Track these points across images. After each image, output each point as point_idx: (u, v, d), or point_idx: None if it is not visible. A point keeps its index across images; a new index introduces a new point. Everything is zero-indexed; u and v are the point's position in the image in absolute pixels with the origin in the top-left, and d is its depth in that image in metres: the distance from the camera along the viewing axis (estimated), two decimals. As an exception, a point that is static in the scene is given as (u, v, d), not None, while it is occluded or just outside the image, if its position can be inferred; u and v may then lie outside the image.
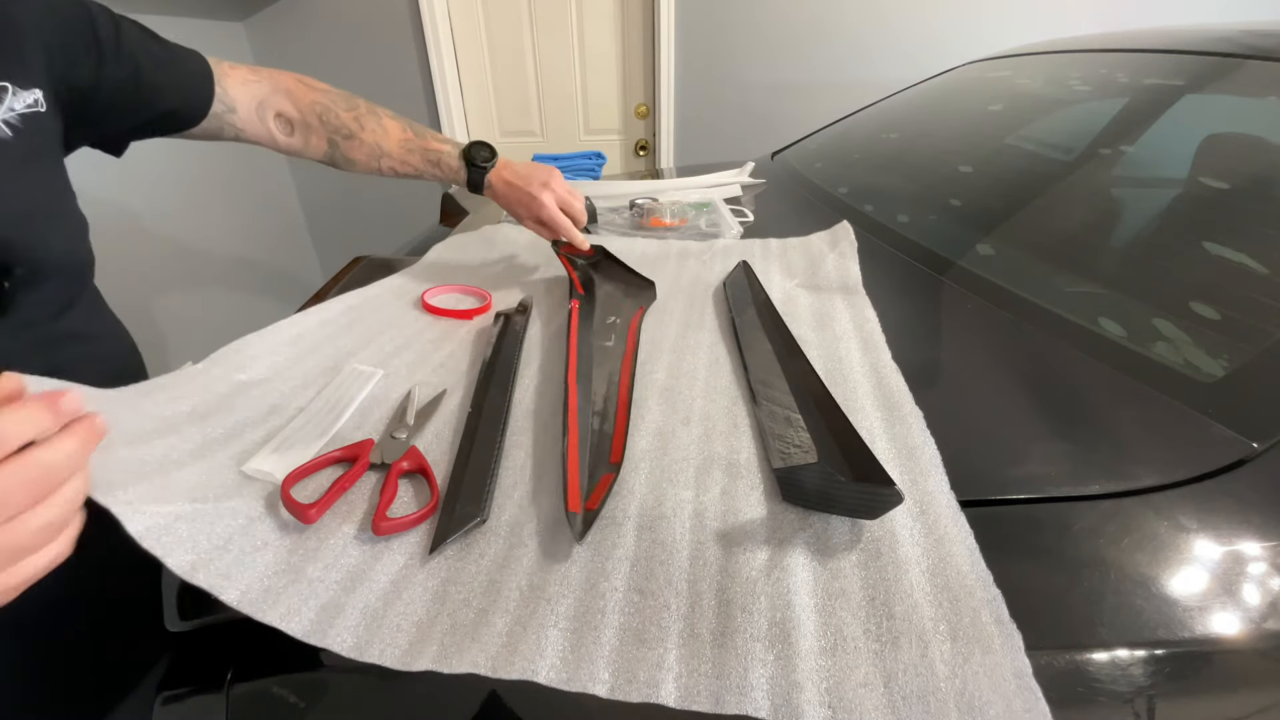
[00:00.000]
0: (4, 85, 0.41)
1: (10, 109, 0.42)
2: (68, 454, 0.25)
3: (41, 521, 0.24)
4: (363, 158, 0.66)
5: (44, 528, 0.24)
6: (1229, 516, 0.35)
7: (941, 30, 1.76)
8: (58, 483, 0.25)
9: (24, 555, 0.24)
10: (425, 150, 0.67)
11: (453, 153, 0.67)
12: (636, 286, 0.67)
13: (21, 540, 0.24)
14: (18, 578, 0.24)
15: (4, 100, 0.41)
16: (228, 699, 0.32)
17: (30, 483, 0.23)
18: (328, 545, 0.35)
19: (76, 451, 0.25)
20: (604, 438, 0.43)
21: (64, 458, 0.24)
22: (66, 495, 0.25)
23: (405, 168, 0.67)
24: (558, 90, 2.09)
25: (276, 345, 0.55)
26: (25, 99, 0.43)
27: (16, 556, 0.24)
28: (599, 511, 0.36)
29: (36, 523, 0.24)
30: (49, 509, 0.24)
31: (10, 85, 0.42)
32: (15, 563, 0.24)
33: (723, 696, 0.27)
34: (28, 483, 0.23)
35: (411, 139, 0.67)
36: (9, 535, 0.23)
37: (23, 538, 0.24)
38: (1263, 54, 0.71)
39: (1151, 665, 0.29)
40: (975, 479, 0.38)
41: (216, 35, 1.94)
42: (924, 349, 0.55)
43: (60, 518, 0.25)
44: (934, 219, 0.78)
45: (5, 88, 0.42)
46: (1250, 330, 0.46)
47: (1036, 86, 0.97)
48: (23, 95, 0.43)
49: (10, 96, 0.42)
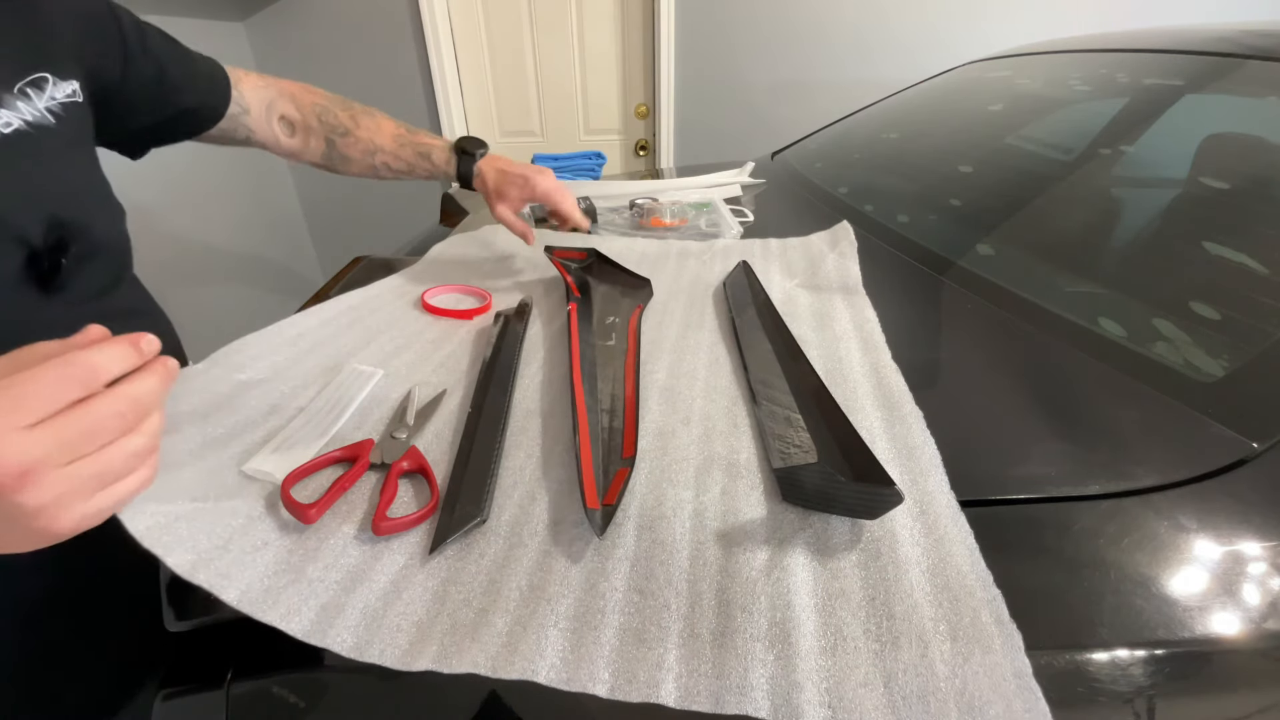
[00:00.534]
0: (44, 75, 0.44)
1: (52, 97, 0.44)
2: (150, 388, 0.27)
3: (133, 448, 0.27)
4: (358, 154, 0.68)
5: (135, 454, 0.27)
6: (1229, 516, 0.35)
7: (942, 30, 1.76)
8: (145, 413, 0.27)
9: (119, 478, 0.27)
10: (417, 144, 0.69)
11: (444, 146, 0.69)
12: (632, 286, 0.67)
13: (117, 464, 0.26)
14: (113, 498, 0.27)
15: (45, 89, 0.44)
16: (228, 698, 0.32)
17: (123, 413, 0.26)
18: (328, 545, 0.35)
19: (158, 386, 0.28)
20: (614, 433, 0.43)
21: (148, 391, 0.27)
22: (152, 425, 0.28)
23: (398, 162, 0.69)
24: (558, 90, 2.09)
25: (276, 345, 0.55)
26: (64, 89, 0.45)
27: (113, 479, 0.26)
28: (617, 506, 0.36)
29: (130, 448, 0.26)
30: (139, 437, 0.27)
31: (50, 75, 0.44)
32: (110, 486, 0.26)
33: (723, 696, 0.27)
34: (121, 413, 0.26)
35: (404, 134, 0.69)
36: (106, 460, 0.26)
37: (119, 462, 0.26)
38: (1263, 54, 0.71)
39: (1151, 665, 0.29)
40: (975, 479, 0.38)
41: (216, 35, 1.94)
42: (924, 349, 0.55)
43: (147, 446, 0.27)
44: (934, 219, 0.78)
45: (46, 77, 0.44)
46: (1250, 330, 0.46)
47: (1036, 86, 0.97)
48: (62, 85, 0.45)
49: (51, 86, 0.44)
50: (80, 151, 0.48)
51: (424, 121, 2.11)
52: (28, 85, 0.42)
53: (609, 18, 1.96)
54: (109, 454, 0.26)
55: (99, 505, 0.26)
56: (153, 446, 0.28)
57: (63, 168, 0.45)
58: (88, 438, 0.25)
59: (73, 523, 0.25)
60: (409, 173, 0.70)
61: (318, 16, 2.00)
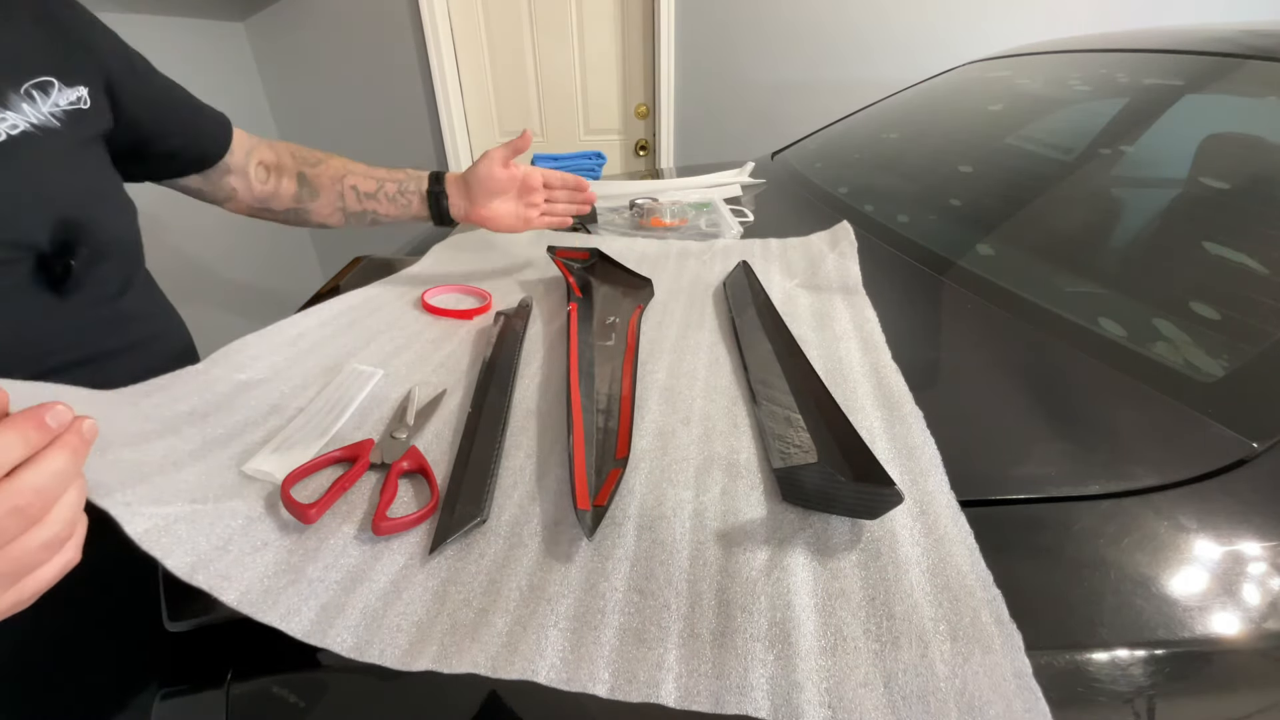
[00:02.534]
0: (50, 80, 0.45)
1: (55, 104, 0.45)
2: (57, 471, 0.24)
3: (41, 541, 0.24)
4: (327, 181, 0.67)
5: (45, 545, 0.24)
6: (1229, 516, 0.35)
7: (942, 30, 1.76)
8: (52, 501, 0.24)
9: (29, 572, 0.24)
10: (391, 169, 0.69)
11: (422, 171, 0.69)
12: (633, 286, 0.67)
13: (24, 561, 0.24)
14: (25, 593, 0.25)
15: (50, 94, 0.45)
16: (227, 699, 0.32)
17: (24, 508, 0.23)
18: (328, 545, 0.35)
19: (67, 466, 0.25)
20: (609, 434, 0.43)
21: (53, 476, 0.24)
22: (64, 511, 0.25)
23: (367, 181, 0.67)
24: (558, 90, 2.09)
25: (276, 345, 0.55)
26: (69, 95, 0.46)
27: (23, 574, 0.24)
28: (608, 508, 0.36)
29: (36, 543, 0.24)
30: (49, 527, 0.24)
31: (57, 81, 0.45)
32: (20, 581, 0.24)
33: (723, 696, 0.27)
34: (21, 508, 0.23)
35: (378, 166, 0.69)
36: (12, 558, 0.23)
37: (25, 558, 0.24)
38: (1263, 54, 0.71)
39: (1151, 665, 0.29)
40: (975, 479, 0.38)
41: (216, 35, 1.94)
42: (924, 349, 0.55)
43: (58, 535, 0.25)
44: (934, 219, 0.78)
45: (51, 83, 0.45)
46: (1250, 330, 0.46)
47: (1036, 86, 0.97)
48: (67, 92, 0.46)
49: (56, 91, 0.45)
50: (88, 154, 0.48)
51: (424, 121, 2.11)
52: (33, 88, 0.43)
53: (609, 18, 1.96)
54: (13, 553, 0.23)
55: (15, 598, 0.24)
56: (66, 533, 0.25)
57: (69, 170, 0.45)
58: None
59: None
60: (375, 193, 0.68)
61: (318, 16, 2.00)
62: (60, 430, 0.25)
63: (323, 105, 2.11)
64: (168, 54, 1.76)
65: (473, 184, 0.66)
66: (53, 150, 0.44)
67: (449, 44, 2.00)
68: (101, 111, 0.49)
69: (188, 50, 1.80)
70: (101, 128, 0.50)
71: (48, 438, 0.24)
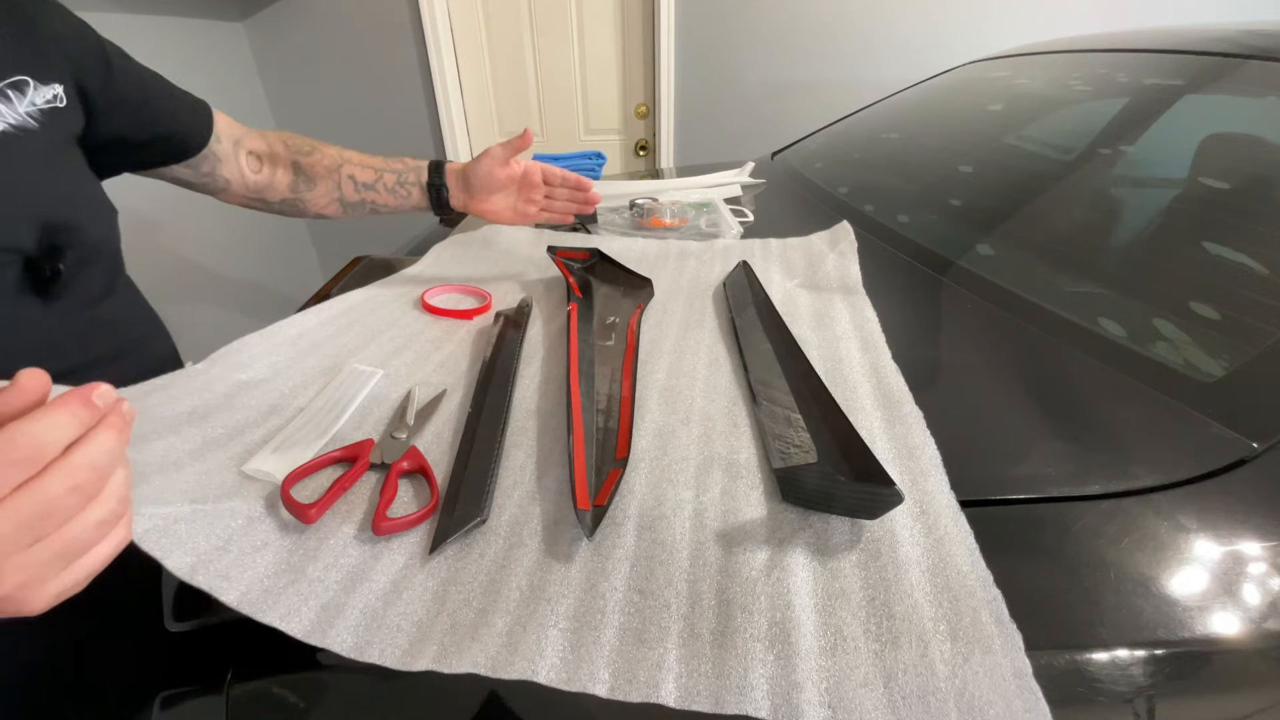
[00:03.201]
0: (25, 79, 0.43)
1: (32, 103, 0.44)
2: (108, 449, 0.25)
3: (97, 518, 0.25)
4: (323, 170, 0.66)
5: (101, 523, 0.25)
6: (1229, 516, 0.35)
7: (942, 30, 1.76)
8: (105, 477, 0.25)
9: (86, 551, 0.25)
10: (386, 156, 0.68)
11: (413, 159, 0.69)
12: (633, 285, 0.67)
13: (84, 539, 0.24)
14: (83, 572, 0.25)
15: (26, 93, 0.43)
16: (227, 699, 0.32)
17: (80, 486, 0.24)
18: (328, 545, 0.35)
19: (116, 444, 0.25)
20: (609, 434, 0.43)
21: (106, 453, 0.24)
22: (116, 488, 0.25)
23: (365, 172, 0.67)
24: (558, 90, 2.09)
25: (276, 345, 0.55)
26: (45, 94, 0.45)
27: (80, 554, 0.25)
28: (608, 507, 0.36)
29: (94, 519, 0.24)
30: (102, 505, 0.25)
31: (32, 80, 0.44)
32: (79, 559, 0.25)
33: (723, 696, 0.27)
34: (78, 485, 0.23)
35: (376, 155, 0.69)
36: (70, 537, 0.24)
37: (84, 536, 0.24)
38: (1263, 54, 0.71)
39: (1151, 665, 0.29)
40: (975, 479, 0.38)
41: (216, 35, 1.94)
42: (924, 349, 0.55)
43: (114, 511, 0.25)
44: (934, 219, 0.78)
45: (27, 81, 0.43)
46: (1250, 330, 0.46)
47: (1036, 86, 0.97)
48: (43, 90, 0.44)
49: (32, 90, 0.44)
50: (67, 155, 0.47)
51: (424, 121, 2.11)
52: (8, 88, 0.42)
53: (609, 18, 1.96)
54: (71, 531, 0.24)
55: (73, 578, 0.25)
56: (120, 510, 0.26)
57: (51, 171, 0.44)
58: (45, 519, 0.23)
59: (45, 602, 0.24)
60: (374, 184, 0.67)
61: (318, 16, 2.00)
62: (107, 410, 0.25)
63: (323, 105, 2.11)
64: (168, 54, 1.77)
65: (472, 179, 0.67)
66: (33, 151, 0.43)
67: (449, 44, 2.00)
68: (75, 109, 0.48)
69: (188, 50, 1.80)
70: (76, 127, 0.48)
71: (97, 417, 0.25)
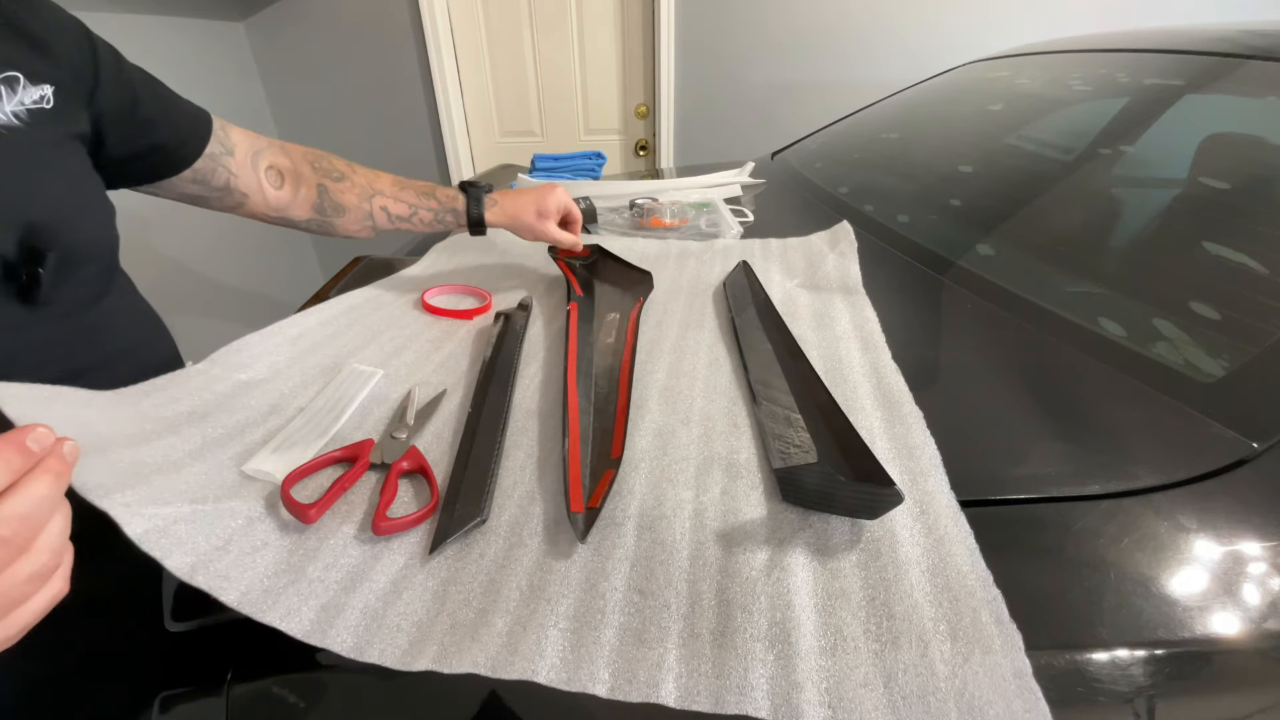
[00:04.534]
0: (16, 75, 0.43)
1: (20, 102, 0.43)
2: (41, 498, 0.23)
3: (28, 572, 0.23)
4: (353, 199, 0.64)
5: (32, 577, 0.23)
6: (1229, 516, 0.35)
7: (942, 30, 1.76)
8: (38, 529, 0.23)
9: (16, 606, 0.23)
10: (419, 186, 0.67)
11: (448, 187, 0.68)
12: (634, 280, 0.67)
13: (11, 594, 0.23)
14: (14, 628, 0.24)
15: (16, 90, 0.43)
16: (227, 699, 0.32)
17: (9, 538, 0.22)
18: (328, 545, 0.35)
19: (51, 491, 0.23)
20: (604, 434, 0.43)
21: (38, 503, 0.23)
22: (50, 539, 0.24)
23: (398, 205, 0.65)
24: (558, 90, 2.09)
25: (276, 345, 0.55)
26: (34, 94, 0.44)
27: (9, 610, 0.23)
28: (600, 509, 0.36)
29: (23, 574, 0.23)
30: (34, 558, 0.23)
31: (22, 77, 0.43)
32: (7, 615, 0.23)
33: (723, 696, 0.27)
34: (5, 539, 0.22)
35: (404, 180, 0.67)
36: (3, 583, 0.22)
37: (12, 591, 0.23)
38: (1263, 54, 0.71)
39: (1151, 665, 0.29)
40: (975, 479, 0.38)
41: (216, 35, 1.94)
42: (924, 349, 0.55)
43: (46, 565, 0.24)
44: (934, 219, 0.78)
45: (17, 78, 0.43)
46: (1250, 330, 0.46)
47: (1036, 86, 0.97)
48: (32, 90, 0.44)
49: (21, 89, 0.43)
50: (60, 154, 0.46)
51: (424, 121, 2.11)
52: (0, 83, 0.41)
53: (609, 18, 1.96)
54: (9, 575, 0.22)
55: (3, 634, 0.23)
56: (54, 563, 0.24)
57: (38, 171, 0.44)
58: None
59: None
60: (409, 217, 0.66)
61: (318, 16, 2.00)
62: (43, 454, 0.23)
63: (323, 105, 2.11)
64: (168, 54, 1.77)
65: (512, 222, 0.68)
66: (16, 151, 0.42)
67: (449, 44, 2.00)
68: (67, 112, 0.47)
69: (188, 50, 1.80)
70: (73, 128, 0.47)
71: (30, 463, 0.23)
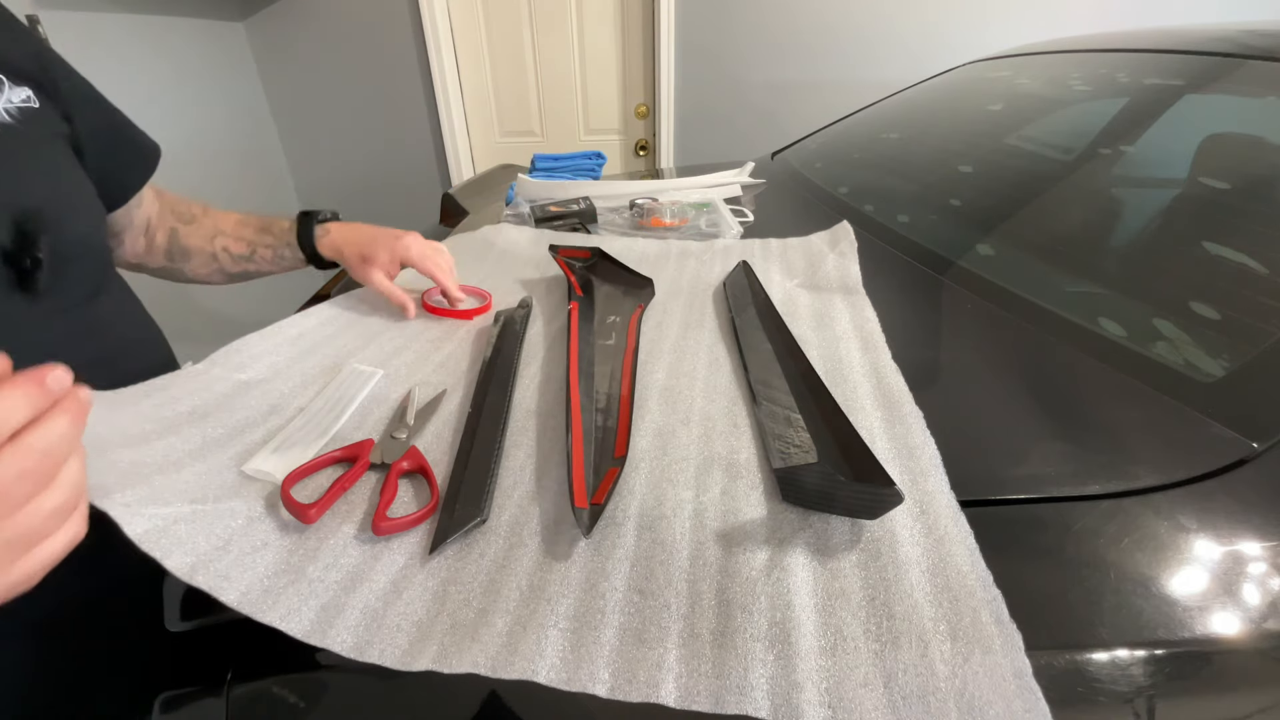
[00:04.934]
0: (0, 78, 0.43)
1: (9, 100, 0.43)
2: (61, 434, 0.24)
3: (51, 506, 0.24)
4: (198, 242, 0.63)
5: (55, 512, 0.24)
6: (1229, 516, 0.35)
7: (942, 30, 1.76)
8: (58, 465, 0.24)
9: (39, 541, 0.24)
10: (259, 223, 0.65)
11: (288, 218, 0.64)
12: (634, 285, 0.67)
13: (36, 527, 0.23)
14: (36, 564, 0.24)
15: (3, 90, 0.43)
16: (228, 699, 0.32)
17: (33, 469, 0.23)
18: (328, 545, 0.35)
19: (70, 430, 0.24)
20: (608, 433, 0.43)
21: (59, 438, 0.24)
22: (70, 475, 0.25)
23: (238, 244, 0.64)
24: (558, 90, 2.09)
25: (276, 345, 0.55)
26: (19, 94, 0.44)
27: (31, 544, 0.24)
28: (605, 506, 0.36)
29: (47, 507, 0.24)
30: (57, 492, 0.24)
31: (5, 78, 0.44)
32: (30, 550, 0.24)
33: (723, 696, 0.27)
34: (30, 470, 0.23)
35: (248, 217, 0.65)
36: (21, 524, 0.23)
37: (36, 524, 0.23)
38: (1263, 54, 0.71)
39: (1151, 665, 0.29)
40: (975, 479, 0.38)
41: (216, 35, 1.94)
42: (924, 349, 0.55)
43: (67, 501, 0.24)
44: (934, 219, 0.78)
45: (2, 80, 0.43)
46: (1250, 330, 0.46)
47: (1036, 86, 0.97)
48: (17, 90, 0.44)
49: (8, 89, 0.43)
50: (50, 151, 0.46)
51: (424, 121, 2.12)
52: None
53: (609, 18, 1.96)
54: (23, 519, 0.23)
55: (25, 571, 0.24)
56: (74, 500, 0.25)
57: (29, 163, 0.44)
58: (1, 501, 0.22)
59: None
60: (251, 255, 0.64)
61: (318, 16, 2.00)
62: (61, 394, 0.24)
63: (323, 105, 2.11)
64: (168, 54, 1.77)
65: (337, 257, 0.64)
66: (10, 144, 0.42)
67: (449, 44, 2.00)
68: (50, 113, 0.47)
69: (188, 50, 1.80)
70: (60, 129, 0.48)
71: (50, 401, 0.24)
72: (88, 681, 0.48)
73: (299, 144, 2.23)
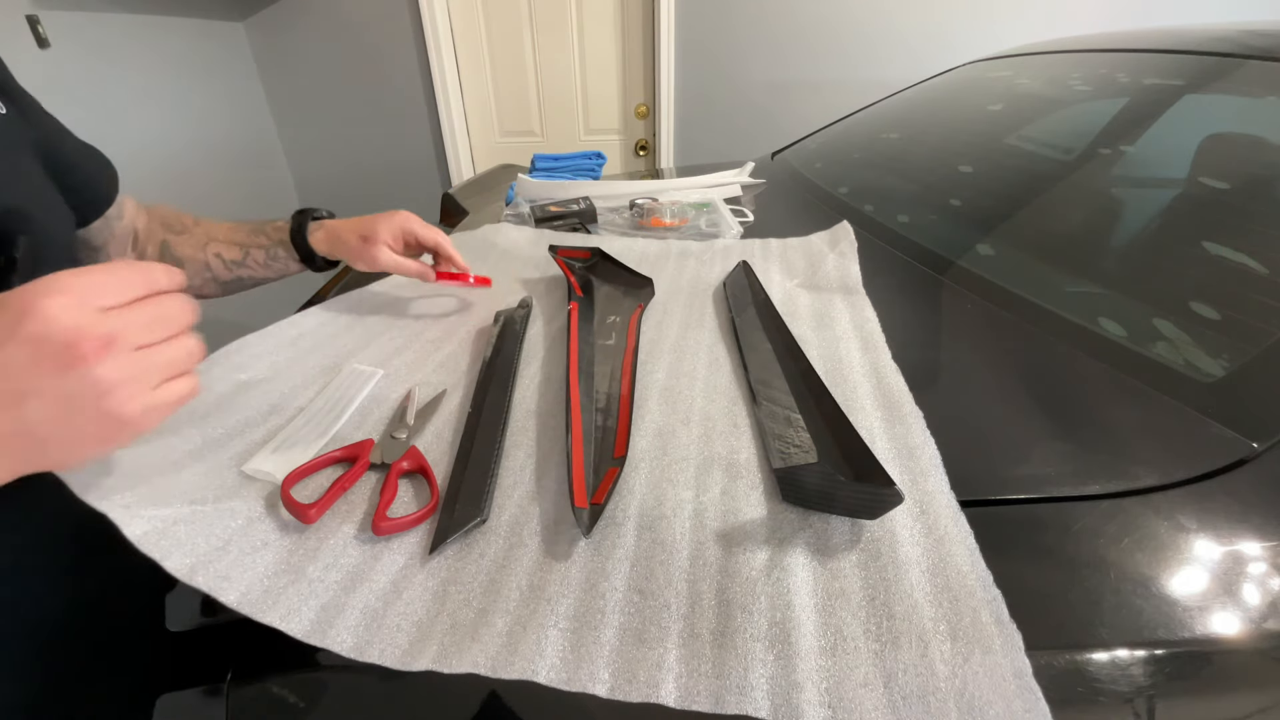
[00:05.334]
0: None
1: None
2: (184, 304, 0.30)
3: (190, 347, 0.30)
4: (190, 251, 0.62)
5: (190, 354, 0.30)
6: (1229, 516, 0.35)
7: (943, 29, 1.76)
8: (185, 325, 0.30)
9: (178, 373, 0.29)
10: (252, 225, 0.64)
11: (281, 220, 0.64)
12: (634, 285, 0.67)
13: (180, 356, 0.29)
14: (173, 394, 0.29)
15: None
16: (228, 699, 0.32)
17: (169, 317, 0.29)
18: (328, 545, 0.35)
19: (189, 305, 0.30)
20: (607, 432, 0.43)
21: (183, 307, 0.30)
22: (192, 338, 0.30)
23: (231, 249, 0.63)
24: (558, 90, 2.09)
25: (276, 345, 0.55)
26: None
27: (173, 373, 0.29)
28: (605, 506, 0.36)
29: (188, 346, 0.29)
30: (185, 340, 0.30)
31: None
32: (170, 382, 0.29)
33: (723, 696, 0.27)
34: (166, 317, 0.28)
35: (242, 224, 0.64)
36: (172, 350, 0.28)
37: (181, 354, 0.29)
38: (1263, 54, 0.71)
39: (1151, 665, 0.29)
40: (975, 479, 0.38)
41: (216, 35, 1.94)
42: (924, 349, 0.55)
43: (194, 353, 0.30)
44: (934, 219, 0.78)
45: None
46: (1250, 330, 0.46)
47: (1037, 86, 0.97)
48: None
49: None
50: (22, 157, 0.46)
51: (424, 121, 2.12)
52: None
53: (609, 18, 1.96)
54: (174, 345, 0.28)
55: (162, 398, 0.28)
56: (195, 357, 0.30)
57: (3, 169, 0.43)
58: (157, 324, 0.28)
59: (138, 410, 0.27)
60: (244, 260, 0.63)
61: (318, 16, 2.00)
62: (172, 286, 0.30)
63: (323, 105, 2.12)
64: (168, 54, 1.77)
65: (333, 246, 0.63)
66: None
67: (449, 44, 2.00)
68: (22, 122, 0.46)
69: (188, 50, 1.80)
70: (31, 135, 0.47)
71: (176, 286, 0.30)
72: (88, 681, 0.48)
73: (299, 144, 2.23)
